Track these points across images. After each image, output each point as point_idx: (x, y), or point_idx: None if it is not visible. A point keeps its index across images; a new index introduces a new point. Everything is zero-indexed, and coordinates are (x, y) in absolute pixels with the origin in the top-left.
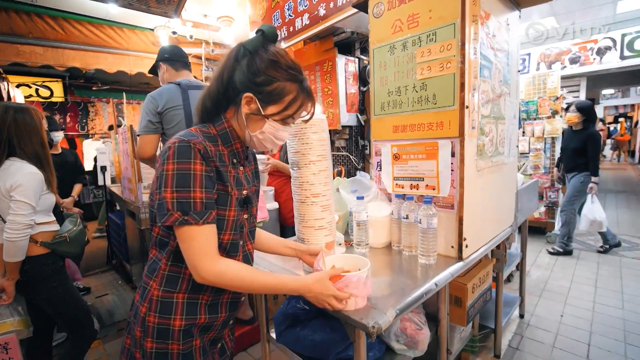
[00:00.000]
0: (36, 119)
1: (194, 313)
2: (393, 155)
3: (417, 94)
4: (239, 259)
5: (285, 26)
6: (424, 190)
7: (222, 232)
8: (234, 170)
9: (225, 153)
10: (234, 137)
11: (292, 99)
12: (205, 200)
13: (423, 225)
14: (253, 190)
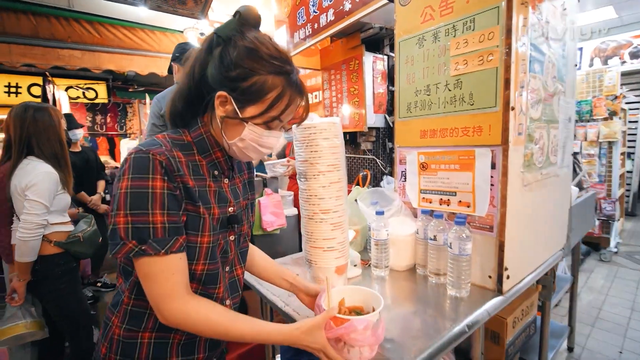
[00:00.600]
0: (55, 118)
1: (163, 355)
2: (420, 164)
3: (450, 92)
4: (219, 291)
5: (310, 23)
6: (457, 207)
7: (194, 262)
8: (215, 184)
9: (204, 164)
10: (213, 144)
11: (277, 97)
12: (169, 224)
13: (454, 251)
14: (243, 205)
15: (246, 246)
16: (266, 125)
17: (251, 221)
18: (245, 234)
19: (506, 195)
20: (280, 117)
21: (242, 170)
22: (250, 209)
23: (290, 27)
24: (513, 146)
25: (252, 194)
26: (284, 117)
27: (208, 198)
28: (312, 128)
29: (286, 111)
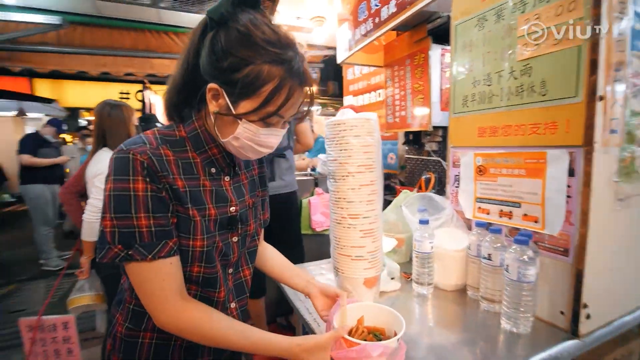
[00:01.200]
0: (126, 115)
1: (164, 358)
2: (476, 167)
3: (515, 81)
4: (219, 295)
5: (371, 18)
6: (520, 222)
7: (188, 264)
8: (212, 183)
9: (198, 161)
10: (208, 140)
11: (274, 89)
12: (155, 228)
13: (511, 275)
14: (250, 204)
15: (254, 245)
16: (263, 122)
17: (262, 219)
18: (254, 233)
19: (588, 210)
20: (278, 112)
21: (250, 166)
22: (262, 206)
23: (352, 23)
24: (602, 147)
25: (263, 190)
26: (284, 112)
27: (202, 198)
28: (342, 124)
29: (285, 105)
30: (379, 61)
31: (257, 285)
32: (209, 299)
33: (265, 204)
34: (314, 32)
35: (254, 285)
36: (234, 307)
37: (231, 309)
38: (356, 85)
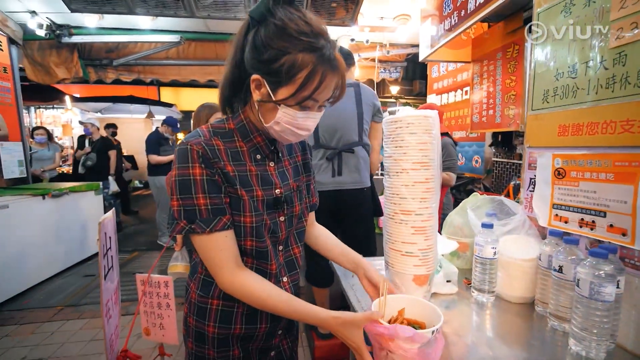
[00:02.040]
0: (207, 114)
1: (229, 322)
2: (554, 170)
3: (606, 72)
4: (272, 267)
5: (457, 11)
6: (605, 234)
7: (242, 238)
8: (257, 168)
9: (245, 150)
10: (252, 129)
11: (307, 75)
12: (211, 206)
13: (582, 291)
14: (294, 187)
15: (302, 226)
16: (300, 106)
17: (309, 203)
18: (300, 214)
19: None
20: (312, 96)
21: (293, 152)
22: (307, 190)
23: (436, 19)
24: None
25: (308, 175)
26: (318, 96)
27: (249, 182)
28: (398, 122)
29: (319, 89)
30: (465, 56)
31: (326, 274)
32: (263, 271)
33: (311, 188)
34: (397, 31)
35: (322, 273)
36: (286, 281)
37: (283, 283)
38: (441, 83)
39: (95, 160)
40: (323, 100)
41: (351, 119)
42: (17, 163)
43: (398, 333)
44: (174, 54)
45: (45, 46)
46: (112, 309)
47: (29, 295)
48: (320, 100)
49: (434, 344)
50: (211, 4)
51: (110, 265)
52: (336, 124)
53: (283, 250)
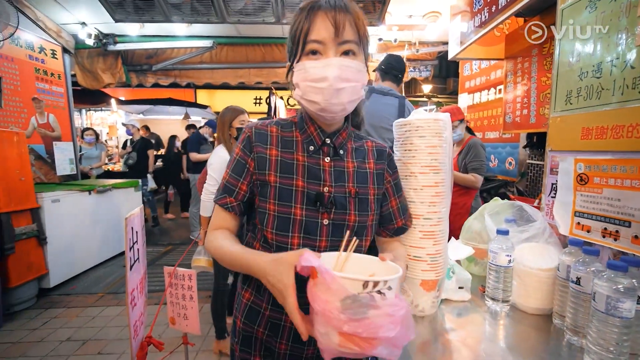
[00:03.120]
0: (230, 117)
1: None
2: (577, 176)
3: (632, 71)
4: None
5: (487, 7)
6: (629, 245)
7: (264, 227)
8: (308, 159)
9: (300, 140)
10: (307, 120)
11: (299, 24)
12: (226, 183)
13: (598, 306)
14: (352, 192)
15: (360, 245)
16: (307, 56)
17: (375, 220)
18: (359, 229)
19: None
20: (308, 35)
21: (365, 157)
22: (375, 203)
23: (466, 15)
24: None
25: (379, 187)
26: (315, 34)
27: (292, 170)
28: (407, 125)
29: (312, 27)
30: (498, 54)
31: None
32: None
33: (392, 208)
34: (427, 29)
35: None
36: None
37: None
38: (473, 82)
39: (136, 159)
40: (322, 38)
41: (388, 124)
42: (69, 161)
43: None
44: (207, 58)
45: (93, 54)
46: (137, 297)
47: (75, 281)
48: (321, 38)
49: (372, 310)
50: (241, 10)
51: (137, 257)
52: (375, 126)
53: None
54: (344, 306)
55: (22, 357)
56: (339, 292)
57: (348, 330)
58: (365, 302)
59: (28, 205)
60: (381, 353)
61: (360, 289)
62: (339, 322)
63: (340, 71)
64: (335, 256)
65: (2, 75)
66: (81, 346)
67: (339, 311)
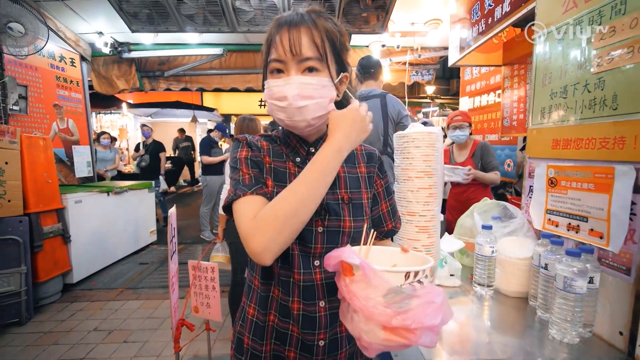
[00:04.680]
0: (257, 125)
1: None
2: (548, 179)
3: (589, 95)
4: (295, 277)
5: (484, 19)
6: (587, 237)
7: None
8: (297, 169)
9: (286, 153)
10: (289, 134)
11: (266, 43)
12: (253, 176)
13: (558, 284)
14: (345, 198)
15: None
16: (271, 74)
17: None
18: (350, 232)
19: None
20: (269, 55)
21: (355, 162)
22: (369, 206)
23: (465, 24)
24: None
25: (367, 190)
26: (275, 51)
27: (284, 177)
28: (405, 137)
29: (272, 45)
30: (496, 60)
31: None
32: (286, 281)
33: (382, 210)
34: (428, 35)
35: None
36: (322, 307)
37: (320, 308)
38: (473, 86)
39: (149, 161)
40: (282, 57)
41: (376, 128)
42: (86, 164)
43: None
44: (217, 65)
45: (108, 61)
46: (175, 284)
47: (95, 278)
48: (279, 56)
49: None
50: (250, 20)
51: (174, 249)
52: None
53: (321, 267)
54: (387, 300)
55: (54, 345)
56: (381, 286)
57: (396, 323)
58: (408, 293)
59: (54, 205)
60: (426, 342)
61: (402, 280)
62: (385, 317)
63: (300, 89)
64: (357, 250)
65: (28, 84)
66: (107, 335)
67: (384, 306)
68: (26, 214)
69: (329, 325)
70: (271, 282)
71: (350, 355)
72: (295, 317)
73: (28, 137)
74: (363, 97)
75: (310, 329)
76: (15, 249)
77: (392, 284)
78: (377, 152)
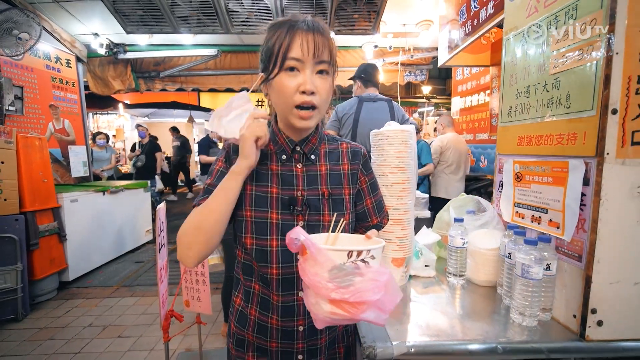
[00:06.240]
0: None
1: (243, 325)
2: (515, 174)
3: (547, 94)
4: (272, 271)
5: (470, 20)
6: (546, 227)
7: (243, 234)
8: (282, 167)
9: (273, 151)
10: (277, 132)
11: (277, 40)
12: (207, 187)
13: (517, 271)
14: (325, 193)
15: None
16: (285, 72)
17: (351, 218)
18: (329, 226)
19: (597, 219)
20: (287, 55)
21: (339, 159)
22: (351, 202)
23: (453, 26)
24: (614, 159)
25: (351, 186)
26: (291, 52)
27: (266, 178)
28: (380, 135)
29: (290, 46)
30: (485, 61)
31: None
32: (265, 276)
33: (367, 206)
34: (420, 36)
35: None
36: (300, 296)
37: (298, 297)
38: (464, 86)
39: (145, 161)
40: (301, 56)
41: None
42: (82, 164)
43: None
44: (212, 65)
45: (104, 62)
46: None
47: (91, 276)
48: (299, 55)
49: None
50: (244, 22)
51: (162, 243)
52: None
53: (296, 256)
54: (331, 276)
55: (50, 340)
56: (326, 263)
57: (336, 296)
58: (350, 271)
59: (50, 204)
60: (369, 317)
61: (345, 258)
62: (327, 291)
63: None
64: (325, 237)
65: (23, 85)
66: (102, 331)
67: (327, 280)
68: (22, 213)
69: (306, 313)
70: (251, 278)
71: (331, 339)
72: (275, 308)
73: (24, 137)
74: (371, 99)
75: (289, 316)
76: (11, 246)
77: (335, 262)
78: (364, 150)
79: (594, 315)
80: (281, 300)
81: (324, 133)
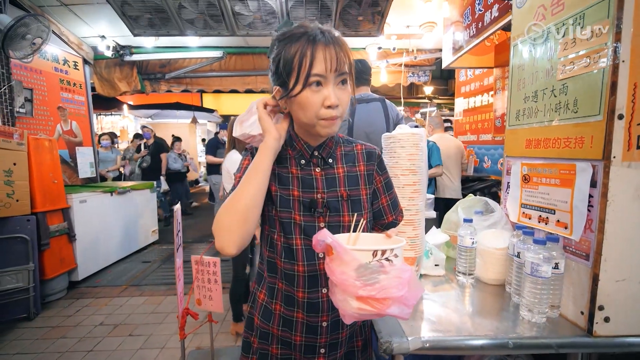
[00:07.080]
0: None
1: (268, 319)
2: (522, 176)
3: (555, 99)
4: (299, 268)
5: (475, 23)
6: (554, 227)
7: (274, 230)
8: (300, 171)
9: (291, 155)
10: (295, 138)
11: (300, 57)
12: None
13: (527, 270)
14: (344, 195)
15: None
16: (309, 88)
17: (367, 214)
18: (349, 226)
19: (605, 220)
20: (311, 71)
21: (355, 161)
22: (368, 202)
23: (457, 28)
24: (620, 162)
25: (367, 187)
26: (315, 68)
27: (288, 181)
28: (392, 138)
29: (314, 62)
30: (488, 62)
31: None
32: (290, 274)
33: (382, 204)
34: (424, 38)
35: None
36: (325, 293)
37: (322, 294)
38: (468, 87)
39: (150, 162)
40: (324, 72)
41: (380, 128)
42: (89, 165)
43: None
44: (217, 67)
45: (110, 64)
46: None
47: (100, 275)
48: (322, 71)
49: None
50: (250, 24)
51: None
52: (369, 133)
53: (324, 257)
54: (358, 274)
55: (62, 338)
56: (352, 262)
57: (363, 293)
58: (376, 269)
59: (60, 205)
60: (395, 312)
61: (370, 258)
62: (354, 288)
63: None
64: (347, 236)
65: (33, 87)
66: (113, 329)
67: (354, 279)
68: (33, 213)
69: (330, 310)
70: (276, 275)
71: (350, 334)
72: (300, 304)
73: (35, 138)
74: (364, 100)
75: (314, 313)
76: (23, 247)
77: (361, 261)
78: (378, 150)
79: (601, 312)
80: (307, 297)
81: (338, 136)
